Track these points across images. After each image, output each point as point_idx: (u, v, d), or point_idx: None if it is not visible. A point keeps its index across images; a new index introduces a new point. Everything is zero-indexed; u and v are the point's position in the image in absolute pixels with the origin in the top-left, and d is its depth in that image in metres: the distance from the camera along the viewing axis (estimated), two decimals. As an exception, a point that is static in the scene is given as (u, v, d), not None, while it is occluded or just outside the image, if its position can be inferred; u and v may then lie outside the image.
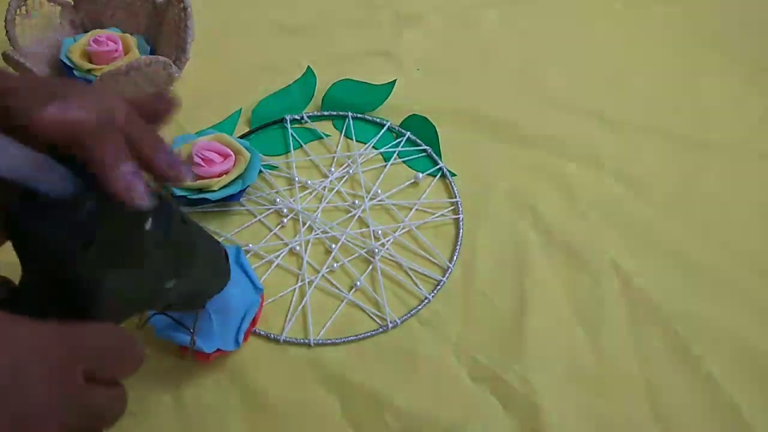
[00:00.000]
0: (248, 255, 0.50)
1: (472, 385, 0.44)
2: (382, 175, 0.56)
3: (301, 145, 0.58)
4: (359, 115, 0.60)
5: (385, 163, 0.57)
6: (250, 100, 0.61)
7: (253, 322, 0.45)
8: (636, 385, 0.45)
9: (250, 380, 0.44)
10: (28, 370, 0.23)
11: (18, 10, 0.58)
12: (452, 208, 0.54)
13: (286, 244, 0.51)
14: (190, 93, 0.61)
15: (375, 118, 0.60)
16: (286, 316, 0.47)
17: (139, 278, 0.28)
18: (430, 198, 0.55)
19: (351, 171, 0.56)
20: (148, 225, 0.27)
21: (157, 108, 0.31)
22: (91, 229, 0.26)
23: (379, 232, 0.52)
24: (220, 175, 0.52)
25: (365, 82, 0.62)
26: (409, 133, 0.59)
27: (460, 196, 0.55)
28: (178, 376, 0.43)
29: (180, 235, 0.31)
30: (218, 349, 0.42)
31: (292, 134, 0.59)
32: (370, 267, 0.50)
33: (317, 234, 0.52)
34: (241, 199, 0.53)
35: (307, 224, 0.53)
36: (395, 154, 0.58)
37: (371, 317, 0.48)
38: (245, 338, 0.44)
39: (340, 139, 0.59)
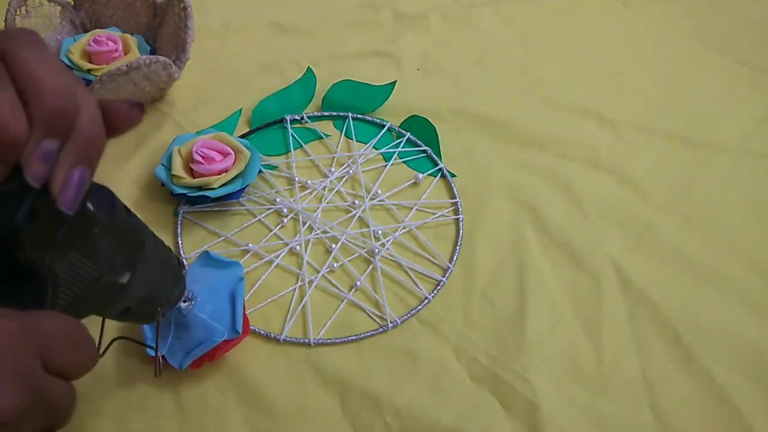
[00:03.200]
0: (248, 255, 0.50)
1: (472, 385, 0.44)
2: (382, 176, 0.56)
3: (301, 145, 0.58)
4: (359, 116, 0.60)
5: (385, 164, 0.57)
6: (250, 100, 0.61)
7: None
8: (636, 385, 0.45)
9: (250, 380, 0.44)
10: None
11: (18, 10, 0.58)
12: (452, 208, 0.54)
13: (286, 244, 0.51)
14: (190, 93, 0.62)
15: (375, 119, 0.60)
16: (286, 316, 0.47)
17: (90, 265, 0.28)
18: (430, 198, 0.55)
19: (351, 171, 0.56)
20: (89, 205, 0.27)
21: (127, 118, 0.28)
22: (34, 204, 0.25)
23: (379, 232, 0.52)
24: (219, 173, 0.52)
25: (365, 83, 0.62)
26: (409, 133, 0.59)
27: (460, 196, 0.55)
28: (179, 377, 0.43)
29: (125, 223, 0.30)
30: (224, 341, 0.42)
31: (292, 134, 0.59)
32: (370, 267, 0.50)
33: (317, 234, 0.52)
34: (241, 199, 0.53)
35: (307, 224, 0.53)
36: (395, 155, 0.58)
37: (371, 317, 0.48)
38: (245, 324, 0.44)
39: (340, 139, 0.59)
